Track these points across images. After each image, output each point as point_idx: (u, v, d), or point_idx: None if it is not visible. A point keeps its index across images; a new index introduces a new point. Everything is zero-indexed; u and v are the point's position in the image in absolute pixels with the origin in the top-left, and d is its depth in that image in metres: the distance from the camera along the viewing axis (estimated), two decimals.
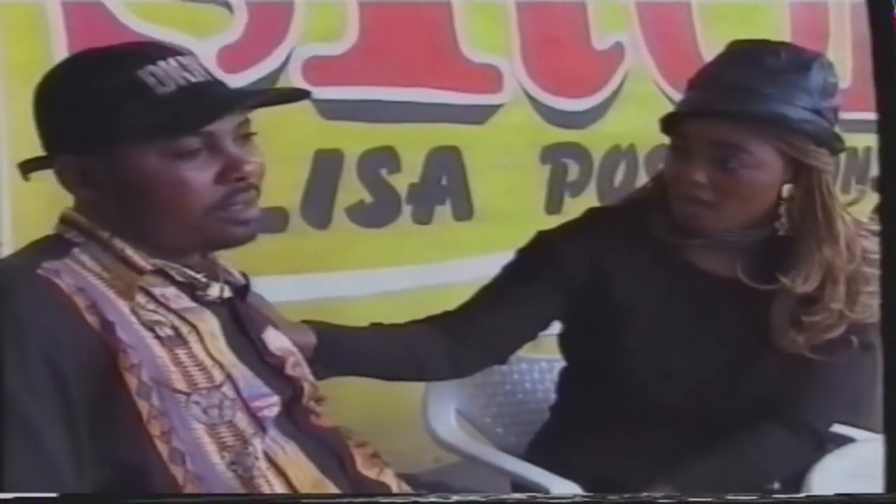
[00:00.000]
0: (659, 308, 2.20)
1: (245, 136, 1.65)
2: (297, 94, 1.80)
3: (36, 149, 2.28)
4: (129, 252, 1.63)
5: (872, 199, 3.92)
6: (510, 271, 2.31)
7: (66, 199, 2.16)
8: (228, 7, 2.76)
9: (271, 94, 1.79)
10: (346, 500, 1.65)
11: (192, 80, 1.61)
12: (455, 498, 1.73)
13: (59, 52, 2.44)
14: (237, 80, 2.70)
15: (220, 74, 2.54)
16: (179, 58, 1.62)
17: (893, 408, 1.47)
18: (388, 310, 2.82)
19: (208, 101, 1.62)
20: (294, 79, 2.85)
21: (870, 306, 2.15)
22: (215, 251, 1.73)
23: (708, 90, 2.16)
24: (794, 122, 2.09)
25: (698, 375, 2.19)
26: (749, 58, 2.14)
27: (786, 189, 2.15)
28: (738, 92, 2.11)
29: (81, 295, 1.54)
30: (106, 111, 1.59)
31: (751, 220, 2.17)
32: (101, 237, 1.63)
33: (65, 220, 1.67)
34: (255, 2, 2.79)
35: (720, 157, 2.09)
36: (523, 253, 2.31)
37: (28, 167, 1.74)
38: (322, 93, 2.84)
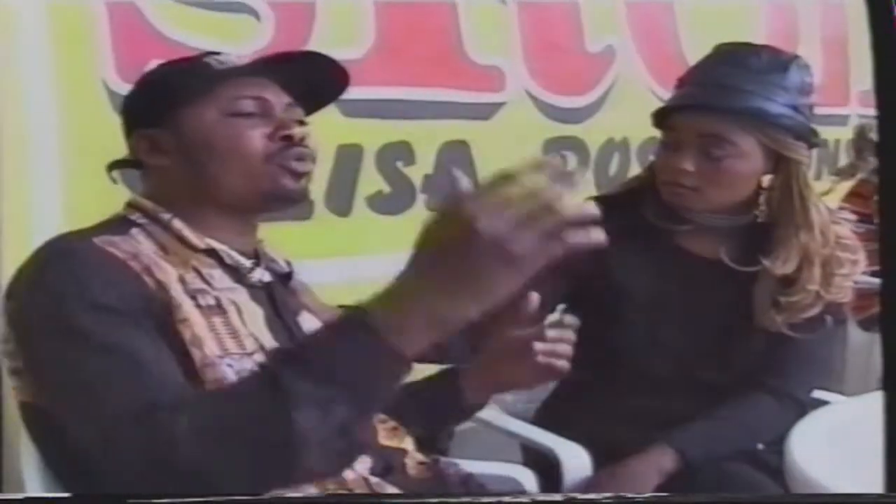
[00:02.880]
0: (653, 287, 2.23)
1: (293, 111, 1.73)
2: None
3: (85, 144, 2.28)
4: (187, 232, 1.66)
5: (843, 188, 3.92)
6: None
7: (115, 192, 2.15)
8: (256, 15, 2.76)
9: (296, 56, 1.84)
10: (347, 500, 1.61)
11: (241, 63, 1.74)
12: (466, 499, 1.74)
13: (105, 57, 2.44)
14: None
15: None
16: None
17: (893, 407, 1.44)
18: None
19: (254, 69, 1.73)
20: None
21: (843, 287, 2.18)
22: (271, 209, 1.74)
23: (695, 87, 2.19)
24: (773, 117, 2.12)
25: (688, 348, 2.20)
26: (733, 58, 2.17)
27: (766, 179, 2.19)
28: (723, 89, 2.13)
29: (136, 260, 1.55)
30: (172, 87, 1.70)
31: (732, 206, 2.20)
32: (162, 219, 1.66)
33: (131, 205, 1.71)
34: (281, 10, 2.77)
35: (706, 147, 2.11)
36: None
37: (115, 166, 1.81)
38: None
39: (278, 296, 1.75)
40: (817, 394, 2.31)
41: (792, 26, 4.47)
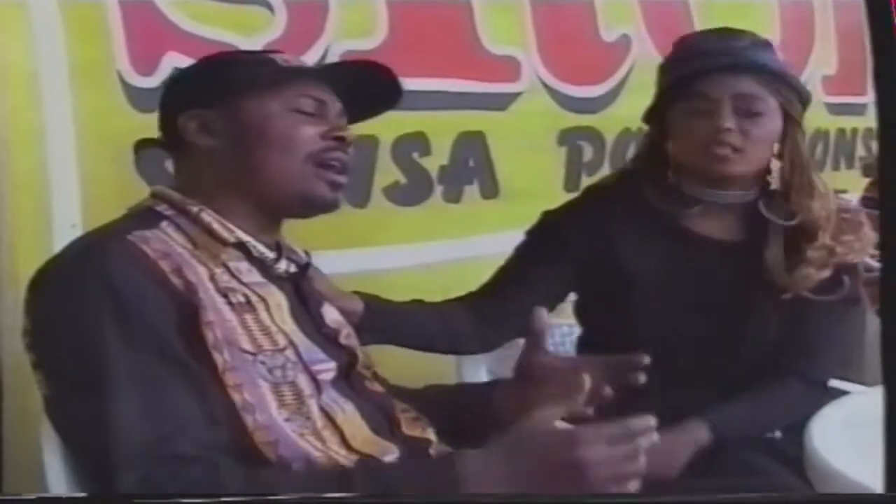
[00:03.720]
0: (662, 271, 2.22)
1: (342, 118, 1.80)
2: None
3: (101, 135, 2.28)
4: (216, 225, 1.68)
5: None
6: (522, 252, 2.32)
7: (132, 184, 2.15)
8: (269, 7, 2.74)
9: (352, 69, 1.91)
10: (350, 500, 1.61)
11: (306, 65, 1.85)
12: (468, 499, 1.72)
13: (119, 51, 2.43)
14: None
15: None
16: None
17: (893, 408, 1.43)
18: (422, 281, 2.83)
19: (317, 71, 1.86)
20: None
21: (852, 247, 2.22)
22: (301, 213, 1.79)
23: (707, 55, 2.19)
24: (789, 78, 2.21)
25: (704, 330, 2.21)
26: (720, 37, 2.24)
27: (776, 146, 2.21)
28: (736, 55, 2.18)
29: (167, 260, 1.58)
30: (236, 75, 1.76)
31: (758, 171, 2.22)
32: (191, 211, 1.69)
33: (156, 195, 1.74)
34: (294, 2, 2.76)
35: (741, 106, 2.15)
36: (532, 234, 2.32)
37: (142, 145, 1.88)
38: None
39: (303, 286, 1.79)
40: (838, 384, 2.31)
41: (808, 14, 4.45)
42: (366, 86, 1.84)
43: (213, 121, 1.73)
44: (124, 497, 1.47)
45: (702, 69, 2.17)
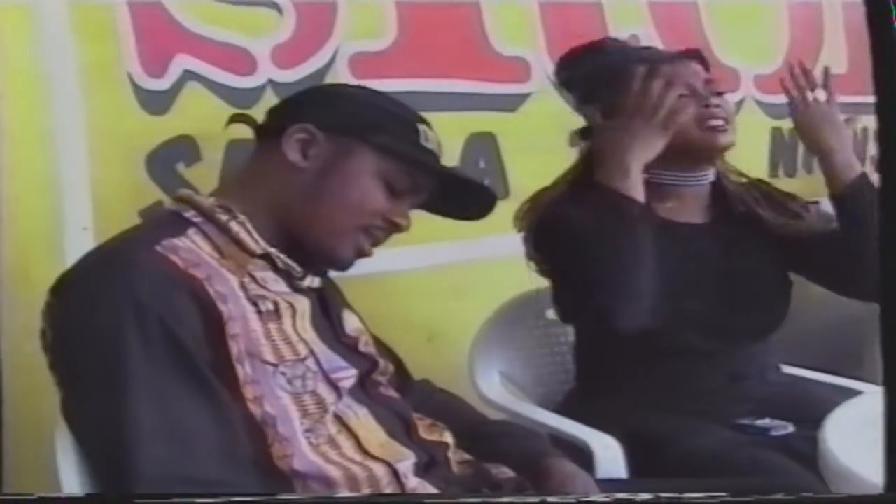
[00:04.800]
0: (655, 263, 2.16)
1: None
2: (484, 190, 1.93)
3: (112, 138, 2.28)
4: (244, 235, 1.67)
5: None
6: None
7: (143, 186, 2.15)
8: (278, 9, 2.75)
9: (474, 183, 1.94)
10: (346, 500, 1.62)
11: (437, 152, 1.82)
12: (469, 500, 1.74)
13: (129, 53, 2.44)
14: (290, 76, 2.72)
15: (275, 70, 2.57)
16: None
17: (893, 408, 1.43)
18: (432, 282, 2.81)
19: (439, 168, 1.83)
20: (342, 73, 2.84)
21: None
22: (316, 262, 1.77)
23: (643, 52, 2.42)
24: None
25: (708, 312, 2.24)
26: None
27: None
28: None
29: (197, 269, 1.57)
30: (374, 121, 1.74)
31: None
32: (220, 220, 1.67)
33: (183, 199, 1.71)
34: (302, 4, 2.77)
35: (710, 88, 2.27)
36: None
37: (237, 119, 1.83)
38: (368, 86, 2.82)
39: (325, 294, 1.80)
40: (849, 383, 2.31)
41: (816, 15, 4.44)
42: (464, 192, 1.88)
43: (317, 144, 1.72)
44: (124, 497, 1.46)
45: (665, 58, 2.28)
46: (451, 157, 3.07)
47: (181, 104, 2.49)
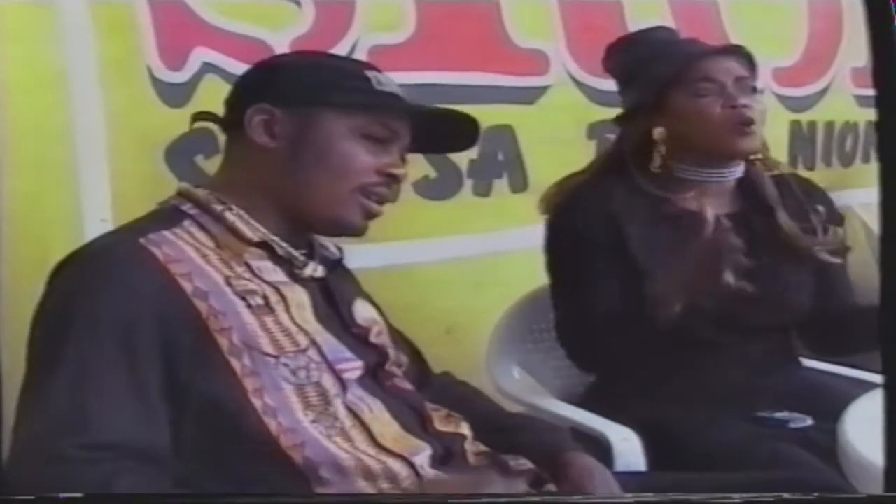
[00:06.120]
0: (674, 253, 2.16)
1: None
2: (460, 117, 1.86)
3: (132, 131, 2.29)
4: (239, 224, 1.67)
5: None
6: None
7: (162, 179, 2.16)
8: (297, 1, 2.77)
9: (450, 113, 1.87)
10: (346, 499, 1.63)
11: (399, 92, 1.76)
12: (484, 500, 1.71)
13: (148, 46, 2.45)
14: None
15: None
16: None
17: (893, 409, 1.42)
18: (452, 274, 2.81)
19: (405, 106, 1.77)
20: None
21: None
22: (328, 232, 1.78)
23: (679, 45, 2.39)
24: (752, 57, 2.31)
25: (727, 305, 2.16)
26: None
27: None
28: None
29: (177, 264, 1.56)
30: (322, 81, 1.72)
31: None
32: (214, 210, 1.67)
33: (181, 194, 1.72)
34: None
35: (744, 85, 2.24)
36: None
37: (200, 118, 1.83)
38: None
39: (333, 286, 1.77)
40: (870, 376, 2.30)
41: (836, 8, 4.42)
42: (445, 125, 1.83)
43: (280, 122, 1.70)
44: (124, 497, 1.46)
45: (700, 53, 2.27)
46: (469, 151, 3.08)
47: (200, 97, 2.49)
